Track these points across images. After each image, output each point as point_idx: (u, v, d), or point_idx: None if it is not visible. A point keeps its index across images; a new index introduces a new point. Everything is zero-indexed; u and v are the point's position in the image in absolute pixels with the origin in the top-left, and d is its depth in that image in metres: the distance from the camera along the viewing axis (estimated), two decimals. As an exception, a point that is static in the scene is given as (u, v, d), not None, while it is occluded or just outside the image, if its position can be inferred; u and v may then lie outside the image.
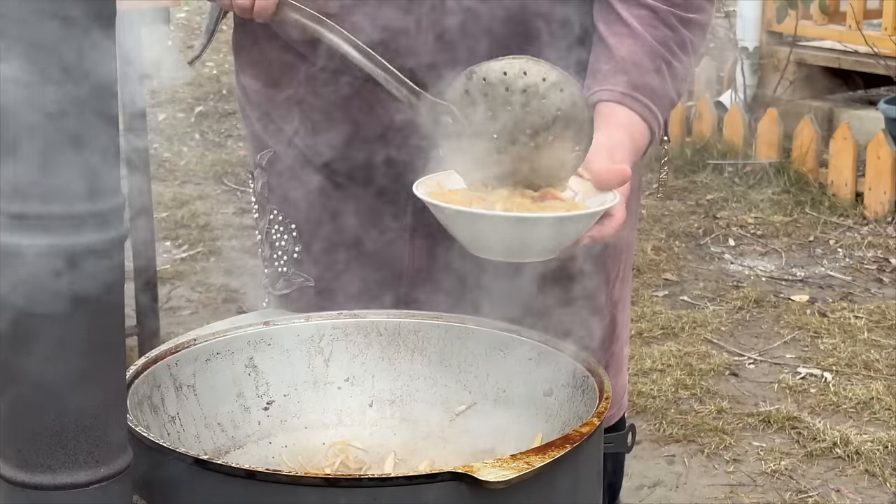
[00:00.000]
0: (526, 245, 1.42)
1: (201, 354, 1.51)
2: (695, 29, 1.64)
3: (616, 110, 1.56)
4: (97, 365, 1.10)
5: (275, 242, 1.81)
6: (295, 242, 1.79)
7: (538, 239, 1.41)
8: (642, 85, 1.58)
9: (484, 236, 1.42)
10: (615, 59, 1.59)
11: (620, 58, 1.58)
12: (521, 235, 1.40)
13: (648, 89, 1.58)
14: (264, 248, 1.84)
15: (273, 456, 1.53)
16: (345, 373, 1.59)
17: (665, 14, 1.62)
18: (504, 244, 1.42)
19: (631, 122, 1.56)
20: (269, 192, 1.80)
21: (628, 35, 1.60)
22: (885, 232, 4.92)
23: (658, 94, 1.59)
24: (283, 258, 1.81)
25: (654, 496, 3.05)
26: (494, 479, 1.16)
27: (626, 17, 1.60)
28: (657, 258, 4.62)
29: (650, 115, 1.58)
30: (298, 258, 1.79)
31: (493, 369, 1.56)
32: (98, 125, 1.06)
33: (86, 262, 1.07)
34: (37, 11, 1.01)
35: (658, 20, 1.61)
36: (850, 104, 6.24)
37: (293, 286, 1.81)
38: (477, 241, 1.44)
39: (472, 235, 1.43)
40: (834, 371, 3.69)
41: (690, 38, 1.63)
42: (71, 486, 1.10)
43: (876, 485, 3.08)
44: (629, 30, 1.60)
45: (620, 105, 1.57)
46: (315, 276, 1.79)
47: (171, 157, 6.00)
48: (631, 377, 3.59)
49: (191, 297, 4.27)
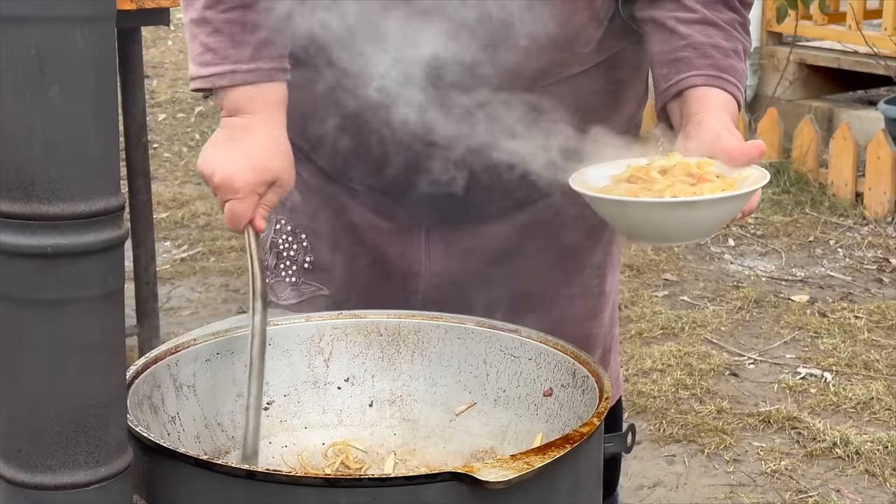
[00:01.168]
0: (690, 228, 1.46)
1: (201, 354, 1.51)
2: (748, 9, 1.68)
3: (712, 93, 1.59)
4: (97, 365, 1.10)
5: (282, 252, 1.80)
6: (305, 252, 1.78)
7: (702, 220, 1.45)
8: (727, 66, 1.61)
9: (650, 223, 1.45)
10: (694, 46, 1.61)
11: (699, 43, 1.61)
12: (688, 219, 1.44)
13: (732, 69, 1.62)
14: (268, 258, 1.82)
15: (273, 456, 1.53)
16: (345, 373, 1.59)
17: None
18: (667, 229, 1.46)
19: (726, 101, 1.60)
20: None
21: (699, 21, 1.62)
22: (885, 232, 4.91)
23: (739, 73, 1.63)
24: (293, 268, 1.79)
25: (654, 496, 3.05)
26: (494, 479, 1.16)
27: (692, 4, 1.63)
28: (657, 258, 4.62)
29: (738, 92, 1.62)
30: (309, 268, 1.79)
31: (492, 369, 1.56)
32: (97, 125, 1.06)
33: (86, 262, 1.07)
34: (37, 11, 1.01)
35: (721, 3, 1.64)
36: (850, 104, 6.24)
37: (303, 296, 1.79)
38: (640, 228, 1.47)
39: (638, 224, 1.46)
40: (834, 371, 3.69)
41: (748, 19, 1.68)
42: (71, 487, 1.10)
43: (876, 485, 3.08)
44: (699, 15, 1.62)
45: (714, 88, 1.59)
46: (329, 284, 1.78)
47: (171, 157, 6.00)
48: (631, 377, 3.59)
49: (191, 297, 4.27)
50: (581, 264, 1.81)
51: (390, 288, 1.75)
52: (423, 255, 1.75)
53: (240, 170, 1.50)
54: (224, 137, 1.54)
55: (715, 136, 1.50)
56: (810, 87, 6.27)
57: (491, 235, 1.75)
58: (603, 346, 1.88)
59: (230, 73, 1.53)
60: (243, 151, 1.52)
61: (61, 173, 1.05)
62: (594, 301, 1.83)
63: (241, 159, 1.51)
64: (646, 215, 1.44)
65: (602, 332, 1.86)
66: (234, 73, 1.53)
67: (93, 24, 1.04)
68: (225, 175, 1.50)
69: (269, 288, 1.82)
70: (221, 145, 1.53)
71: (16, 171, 1.05)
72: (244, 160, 1.51)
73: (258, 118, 1.53)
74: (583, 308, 1.82)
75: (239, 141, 1.53)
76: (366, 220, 1.74)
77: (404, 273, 1.75)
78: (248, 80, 1.53)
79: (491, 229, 1.75)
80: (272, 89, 1.55)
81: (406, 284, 1.75)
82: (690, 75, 1.60)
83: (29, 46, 1.02)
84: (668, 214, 1.43)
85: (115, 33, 1.07)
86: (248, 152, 1.52)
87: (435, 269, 1.75)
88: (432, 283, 1.75)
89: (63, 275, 1.06)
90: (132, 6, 3.03)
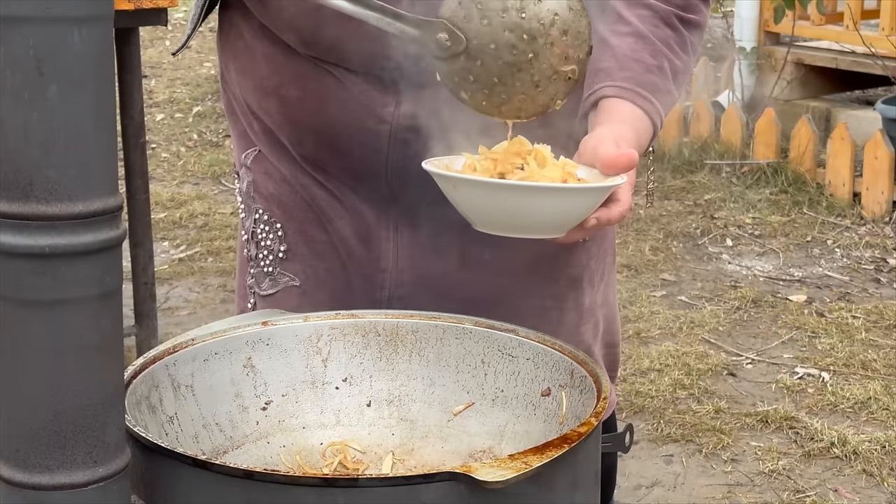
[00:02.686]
0: (529, 218, 1.41)
1: (199, 354, 1.51)
2: (693, 30, 1.64)
3: (620, 105, 1.56)
4: (95, 365, 1.10)
5: (260, 242, 1.81)
6: (280, 242, 1.79)
7: (542, 211, 1.41)
8: (646, 82, 1.58)
9: (488, 207, 1.42)
10: (617, 57, 1.59)
11: (623, 55, 1.59)
12: (524, 205, 1.40)
13: (651, 85, 1.58)
14: (250, 247, 1.83)
15: (271, 456, 1.53)
16: (343, 373, 1.59)
17: (666, 14, 1.62)
18: (507, 216, 1.41)
19: (634, 116, 1.57)
20: (254, 191, 1.80)
21: (630, 33, 1.60)
22: (883, 232, 4.92)
23: (660, 91, 1.59)
24: (269, 258, 1.80)
25: (652, 496, 3.05)
26: (492, 479, 1.16)
27: (628, 17, 1.60)
28: (655, 258, 4.62)
29: (653, 110, 1.59)
30: (284, 257, 1.79)
31: (490, 369, 1.56)
32: (95, 125, 1.06)
33: (84, 262, 1.07)
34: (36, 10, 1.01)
35: (659, 19, 1.61)
36: (848, 104, 6.25)
37: (279, 286, 1.80)
38: (481, 213, 1.43)
39: (477, 207, 1.43)
40: (831, 371, 3.69)
41: (690, 39, 1.64)
42: (69, 487, 1.10)
43: (873, 484, 3.08)
44: (631, 28, 1.60)
45: (624, 100, 1.57)
46: (300, 275, 1.79)
47: (168, 157, 6.00)
48: (628, 377, 3.59)
49: (189, 297, 4.27)
50: (554, 274, 1.78)
51: (356, 283, 1.75)
52: (390, 251, 1.74)
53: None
54: None
55: (597, 143, 1.47)
56: (808, 87, 6.28)
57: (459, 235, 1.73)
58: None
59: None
60: None
61: (59, 173, 1.05)
62: (571, 315, 1.81)
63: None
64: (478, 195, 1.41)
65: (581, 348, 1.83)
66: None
67: (91, 25, 1.04)
68: None
69: (253, 279, 1.83)
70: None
71: (13, 171, 1.05)
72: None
73: None
74: (556, 322, 1.79)
75: None
76: (335, 213, 1.74)
77: (371, 269, 1.75)
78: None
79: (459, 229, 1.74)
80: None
81: (372, 281, 1.75)
82: (605, 85, 1.58)
83: (27, 46, 1.02)
84: (501, 197, 1.40)
85: (113, 33, 1.07)
86: None
87: (402, 265, 1.74)
88: (399, 280, 1.74)
89: (61, 275, 1.06)
90: (130, 6, 3.03)
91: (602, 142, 1.47)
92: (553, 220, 1.43)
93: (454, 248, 1.73)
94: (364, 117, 1.65)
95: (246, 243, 1.85)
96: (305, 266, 1.78)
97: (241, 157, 1.82)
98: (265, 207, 1.80)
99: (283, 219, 1.78)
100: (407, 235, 1.73)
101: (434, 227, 1.72)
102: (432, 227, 1.72)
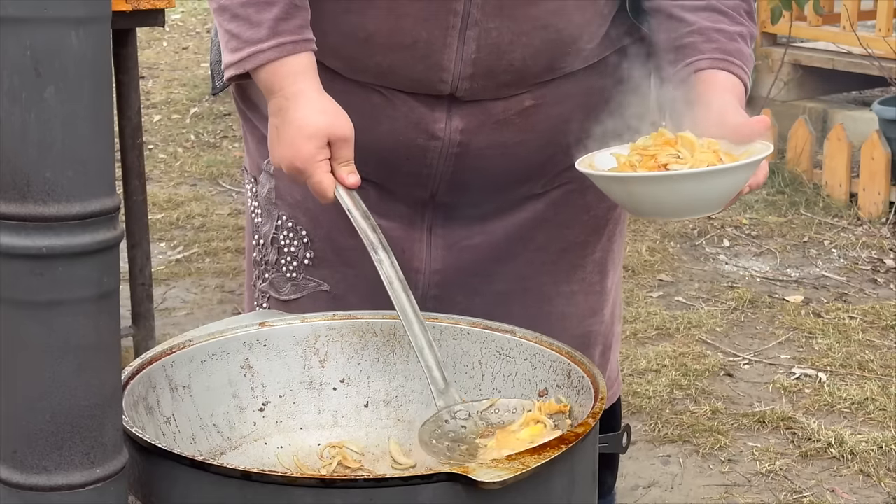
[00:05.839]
0: (705, 199, 1.48)
1: (197, 355, 1.51)
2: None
3: (718, 76, 1.61)
4: (92, 366, 1.10)
5: (283, 248, 1.80)
6: (306, 248, 1.78)
7: (719, 191, 1.48)
8: (733, 49, 1.63)
9: (668, 198, 1.47)
10: (699, 30, 1.64)
11: (704, 28, 1.64)
12: (703, 189, 1.46)
13: (738, 52, 1.64)
14: (268, 252, 1.81)
15: (269, 457, 1.53)
16: (340, 374, 1.59)
17: None
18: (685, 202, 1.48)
19: (734, 84, 1.62)
20: (276, 197, 1.79)
21: (704, 7, 1.65)
22: (880, 233, 4.92)
23: (746, 57, 1.65)
24: (293, 264, 1.80)
25: (650, 497, 3.05)
26: (490, 479, 1.17)
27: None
28: (652, 259, 4.62)
29: (744, 75, 1.64)
30: (310, 264, 1.79)
31: (488, 370, 1.56)
32: (93, 126, 1.06)
33: (81, 262, 1.07)
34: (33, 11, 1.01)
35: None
36: (845, 105, 6.25)
37: (304, 291, 1.80)
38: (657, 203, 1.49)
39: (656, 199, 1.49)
40: (828, 371, 3.69)
41: (754, 7, 1.70)
42: (66, 488, 1.10)
43: (871, 485, 3.08)
44: (704, 2, 1.65)
45: (721, 71, 1.61)
46: (329, 280, 1.79)
47: (166, 158, 5.99)
48: (626, 378, 3.59)
49: (186, 298, 4.27)
50: (582, 261, 1.81)
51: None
52: (423, 252, 1.75)
53: (293, 151, 1.52)
54: (273, 128, 1.57)
55: (721, 115, 1.53)
56: (805, 88, 6.28)
57: (492, 232, 1.76)
58: (603, 344, 1.88)
59: (254, 54, 1.55)
60: (292, 132, 1.53)
61: (56, 174, 1.05)
62: (595, 298, 1.84)
63: (292, 140, 1.53)
64: (647, 190, 1.47)
65: (602, 329, 1.87)
66: (257, 53, 1.55)
67: (88, 26, 1.04)
68: (287, 163, 1.54)
69: (269, 283, 1.82)
70: (276, 138, 1.56)
71: (11, 171, 1.05)
72: (295, 139, 1.53)
73: (291, 91, 1.55)
74: (583, 305, 1.83)
75: (284, 125, 1.55)
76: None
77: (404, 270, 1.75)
78: (271, 58, 1.54)
79: (492, 226, 1.76)
80: (297, 60, 1.55)
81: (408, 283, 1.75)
82: (697, 59, 1.62)
83: (24, 47, 1.02)
84: (670, 187, 1.46)
85: (110, 34, 1.08)
86: (296, 131, 1.53)
87: (436, 266, 1.76)
88: (432, 281, 1.76)
89: (58, 276, 1.06)
90: (127, 7, 3.03)
91: (726, 112, 1.53)
92: (725, 197, 1.50)
93: (486, 245, 1.75)
94: (414, 134, 1.66)
95: (261, 248, 1.83)
96: (335, 271, 1.78)
97: (261, 163, 1.81)
98: (289, 214, 1.79)
99: (310, 226, 1.78)
100: (441, 236, 1.75)
101: (467, 227, 1.74)
102: (465, 227, 1.74)
